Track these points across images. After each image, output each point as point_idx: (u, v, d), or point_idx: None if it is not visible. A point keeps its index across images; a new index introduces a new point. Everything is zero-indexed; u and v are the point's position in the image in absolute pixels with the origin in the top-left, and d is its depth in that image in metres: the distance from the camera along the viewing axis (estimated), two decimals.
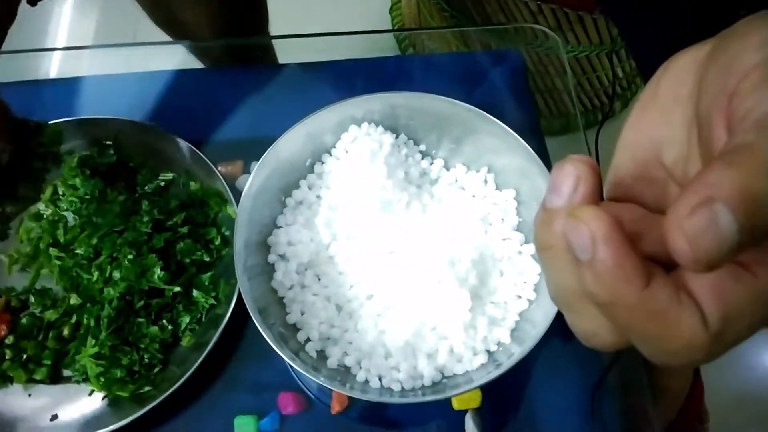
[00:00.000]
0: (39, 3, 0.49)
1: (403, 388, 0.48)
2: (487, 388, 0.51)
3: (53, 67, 0.94)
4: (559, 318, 0.46)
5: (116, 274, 0.51)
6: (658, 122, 0.24)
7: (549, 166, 0.62)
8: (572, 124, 1.16)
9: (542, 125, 1.18)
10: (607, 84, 1.17)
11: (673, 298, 0.19)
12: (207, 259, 0.54)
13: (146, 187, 0.58)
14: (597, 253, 0.19)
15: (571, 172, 0.21)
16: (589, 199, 0.20)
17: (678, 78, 0.24)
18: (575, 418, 0.52)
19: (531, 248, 0.52)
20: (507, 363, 0.47)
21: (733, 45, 0.21)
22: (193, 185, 0.58)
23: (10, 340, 0.52)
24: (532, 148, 0.52)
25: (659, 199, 0.24)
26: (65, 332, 0.52)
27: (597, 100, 1.22)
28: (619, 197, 0.25)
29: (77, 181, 0.57)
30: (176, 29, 0.85)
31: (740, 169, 0.17)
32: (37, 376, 0.51)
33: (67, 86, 0.68)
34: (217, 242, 0.55)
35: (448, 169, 0.57)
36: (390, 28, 1.36)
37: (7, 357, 0.51)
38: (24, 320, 0.53)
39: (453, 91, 0.68)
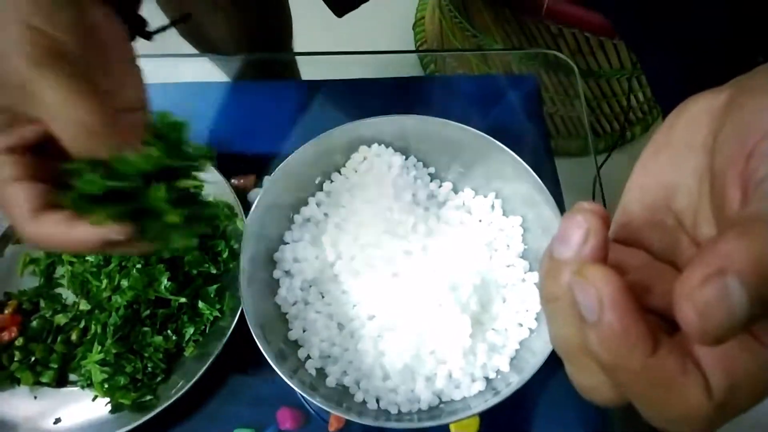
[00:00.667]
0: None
1: (400, 410, 0.48)
2: (484, 414, 0.51)
3: None
4: None
5: (124, 283, 0.52)
6: (670, 168, 0.24)
7: (559, 190, 0.62)
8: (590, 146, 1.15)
9: (560, 146, 1.19)
10: (628, 108, 1.17)
11: (679, 367, 0.18)
12: (214, 271, 0.55)
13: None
14: (603, 315, 0.18)
15: (581, 224, 0.20)
16: (598, 253, 0.20)
17: (692, 124, 0.23)
18: None
19: (535, 276, 0.52)
20: (505, 391, 0.47)
21: (752, 101, 0.21)
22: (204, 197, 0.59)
23: (19, 342, 0.53)
24: (543, 174, 0.52)
25: (667, 246, 0.24)
26: (73, 337, 0.53)
27: (617, 123, 1.21)
28: (625, 239, 0.25)
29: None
30: (201, 41, 0.87)
31: (753, 240, 0.16)
32: (44, 379, 0.52)
33: None
34: (225, 255, 0.56)
35: (456, 193, 0.57)
36: (413, 43, 1.37)
37: (15, 359, 0.52)
38: (34, 323, 0.54)
39: (468, 112, 0.69)
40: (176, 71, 0.76)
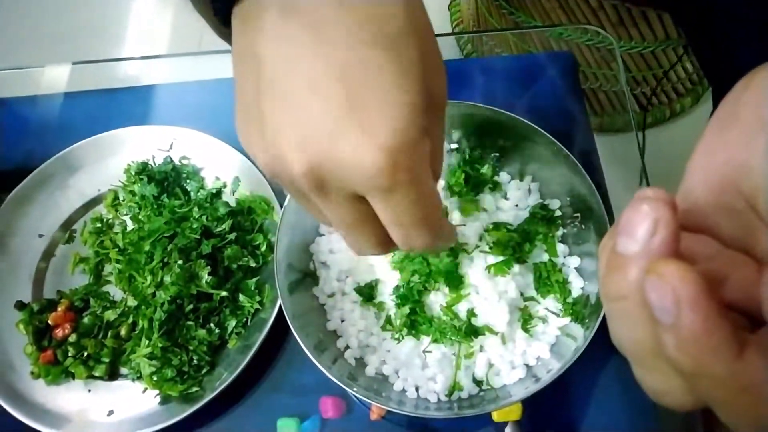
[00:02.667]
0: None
1: (439, 399, 0.48)
2: (527, 401, 0.51)
3: (129, 72, 0.99)
4: (599, 333, 0.45)
5: (167, 279, 0.53)
6: (738, 146, 0.21)
7: (600, 170, 0.60)
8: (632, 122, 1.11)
9: (606, 123, 1.15)
10: (676, 80, 1.12)
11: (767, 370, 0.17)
12: (253, 264, 0.56)
13: (198, 194, 0.60)
14: (682, 318, 0.17)
15: (648, 214, 0.18)
16: (669, 246, 0.18)
17: (762, 97, 0.21)
18: None
19: (574, 261, 0.51)
20: (545, 378, 0.46)
21: None
22: (241, 192, 0.60)
23: (73, 338, 0.55)
24: (582, 154, 0.51)
25: (738, 232, 0.21)
26: (122, 332, 0.55)
27: (665, 96, 1.17)
28: (690, 227, 0.22)
29: (135, 188, 0.60)
30: None
31: None
32: (97, 373, 0.54)
33: (131, 96, 0.72)
34: (263, 248, 0.57)
35: (491, 177, 0.56)
36: (449, 23, 1.35)
37: (69, 354, 0.55)
38: (86, 320, 0.56)
39: (504, 93, 0.67)
40: (215, 68, 0.77)
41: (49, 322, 0.55)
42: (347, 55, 0.26)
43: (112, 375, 0.55)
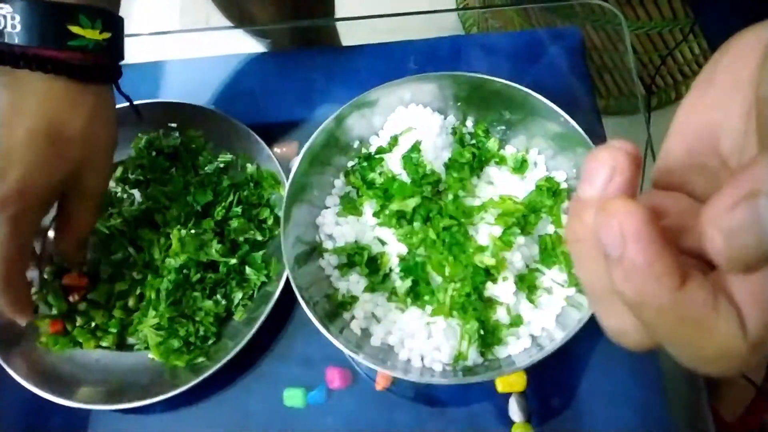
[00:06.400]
0: None
1: (444, 368, 0.48)
2: (532, 373, 0.51)
3: (136, 50, 0.99)
4: None
5: (176, 246, 0.53)
6: (715, 108, 0.22)
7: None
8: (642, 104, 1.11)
9: (612, 106, 1.15)
10: (682, 62, 1.12)
11: (709, 302, 0.18)
12: (260, 238, 0.56)
13: (206, 168, 0.60)
14: (626, 250, 0.18)
15: (606, 161, 0.19)
16: (625, 190, 0.19)
17: (739, 59, 0.22)
18: (621, 405, 0.51)
19: None
20: (549, 347, 0.46)
21: None
22: (249, 167, 0.60)
23: (82, 306, 0.55)
24: (588, 129, 0.50)
25: (711, 189, 0.22)
26: (130, 303, 0.56)
27: (671, 78, 1.16)
28: (667, 185, 0.24)
29: (144, 162, 0.60)
30: (247, 24, 0.88)
31: None
32: (104, 343, 0.55)
33: (139, 72, 0.72)
34: (270, 222, 0.57)
35: (498, 150, 0.56)
36: (454, 5, 1.34)
37: (77, 324, 0.55)
38: (97, 289, 0.56)
39: (510, 70, 0.67)
40: (223, 44, 0.77)
41: (63, 282, 0.55)
42: None
43: (120, 345, 0.56)
